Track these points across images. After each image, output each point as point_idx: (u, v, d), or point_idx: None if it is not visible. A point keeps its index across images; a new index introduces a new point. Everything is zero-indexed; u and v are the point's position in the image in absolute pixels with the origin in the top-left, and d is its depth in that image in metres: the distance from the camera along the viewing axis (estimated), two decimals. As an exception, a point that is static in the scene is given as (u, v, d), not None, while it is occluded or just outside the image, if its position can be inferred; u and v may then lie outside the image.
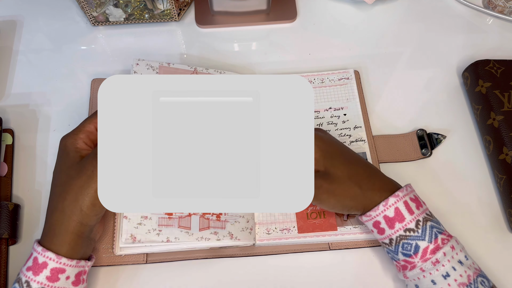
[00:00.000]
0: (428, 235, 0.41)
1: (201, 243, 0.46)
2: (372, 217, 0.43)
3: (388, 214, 0.42)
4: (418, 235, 0.41)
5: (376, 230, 0.44)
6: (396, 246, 0.42)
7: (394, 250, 0.43)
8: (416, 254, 0.41)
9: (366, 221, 0.44)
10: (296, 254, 0.49)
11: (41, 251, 0.40)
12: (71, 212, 0.40)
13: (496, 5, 0.64)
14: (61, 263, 0.39)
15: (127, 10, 0.59)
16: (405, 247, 0.42)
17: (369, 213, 0.43)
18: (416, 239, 0.41)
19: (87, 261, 0.42)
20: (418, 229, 0.42)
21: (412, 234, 0.41)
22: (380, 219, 0.43)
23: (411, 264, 0.42)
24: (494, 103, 0.53)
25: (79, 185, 0.40)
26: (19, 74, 0.59)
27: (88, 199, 0.40)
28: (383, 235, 0.43)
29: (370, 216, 0.43)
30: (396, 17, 0.65)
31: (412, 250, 0.41)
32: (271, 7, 0.63)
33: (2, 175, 0.51)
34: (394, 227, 0.42)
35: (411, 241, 0.41)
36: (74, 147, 0.43)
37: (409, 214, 0.42)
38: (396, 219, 0.42)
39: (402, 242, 0.42)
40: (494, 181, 0.53)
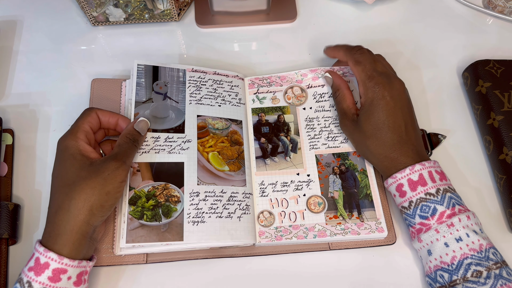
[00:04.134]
0: (447, 202, 0.44)
1: (201, 243, 0.46)
2: (397, 179, 0.46)
3: (412, 178, 0.45)
4: (437, 199, 0.44)
5: (398, 194, 0.46)
6: (415, 209, 0.45)
7: (412, 214, 0.45)
8: (432, 216, 0.44)
9: (391, 184, 0.46)
10: (296, 254, 0.49)
11: (43, 251, 0.40)
12: (78, 211, 0.41)
13: (496, 5, 0.64)
14: (63, 263, 0.40)
15: (127, 10, 0.59)
16: (423, 209, 0.44)
17: (395, 174, 0.46)
18: (435, 202, 0.44)
19: (89, 262, 0.42)
20: (438, 195, 0.44)
21: (431, 198, 0.44)
22: (404, 182, 0.45)
23: (427, 226, 0.44)
24: (494, 103, 0.53)
25: (91, 186, 0.41)
26: (19, 74, 0.59)
27: (99, 201, 0.41)
28: (404, 197, 0.46)
29: (395, 177, 0.46)
30: (396, 17, 0.65)
31: (430, 212, 0.44)
32: (271, 7, 0.63)
33: (2, 175, 0.51)
34: (416, 189, 0.45)
35: (430, 204, 0.44)
36: (78, 149, 0.43)
37: (431, 182, 0.45)
38: (419, 183, 0.45)
39: (421, 204, 0.44)
40: (494, 181, 0.53)
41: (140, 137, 0.47)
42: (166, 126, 0.51)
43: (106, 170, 0.42)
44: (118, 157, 0.43)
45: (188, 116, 0.52)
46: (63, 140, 0.44)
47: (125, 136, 0.46)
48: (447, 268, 0.43)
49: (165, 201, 0.47)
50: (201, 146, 0.51)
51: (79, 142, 0.44)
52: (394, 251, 0.49)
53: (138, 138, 0.47)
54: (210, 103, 0.53)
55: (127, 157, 0.45)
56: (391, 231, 0.49)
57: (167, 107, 0.52)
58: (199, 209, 0.47)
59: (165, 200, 0.47)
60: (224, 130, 0.52)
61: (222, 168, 0.50)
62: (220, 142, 0.51)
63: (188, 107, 0.52)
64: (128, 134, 0.46)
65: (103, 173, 0.42)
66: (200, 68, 0.55)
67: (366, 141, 0.48)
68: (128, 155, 0.45)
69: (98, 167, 0.42)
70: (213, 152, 0.51)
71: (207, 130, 0.52)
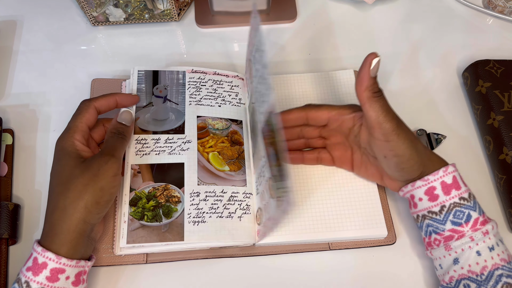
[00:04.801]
0: (478, 208, 0.42)
1: (201, 243, 0.46)
2: (429, 182, 0.43)
3: (446, 180, 0.43)
4: (470, 205, 0.42)
5: (427, 198, 0.43)
6: (447, 214, 0.42)
7: (442, 219, 0.43)
8: (467, 223, 0.42)
9: (418, 187, 0.43)
10: (296, 254, 0.49)
11: (40, 251, 0.40)
12: (74, 209, 0.40)
13: (496, 5, 0.64)
14: (61, 263, 0.39)
15: (127, 10, 0.59)
16: (457, 215, 0.42)
17: (427, 177, 0.43)
18: (469, 208, 0.42)
19: (87, 261, 0.42)
20: (470, 199, 0.43)
21: (465, 203, 0.42)
22: (437, 185, 0.43)
23: (460, 233, 0.42)
24: (494, 103, 0.53)
25: (83, 183, 0.41)
26: (19, 74, 0.59)
27: (93, 197, 0.41)
28: (434, 202, 0.43)
29: (427, 180, 0.43)
30: (396, 17, 0.65)
31: (464, 219, 0.42)
32: (271, 7, 0.63)
33: (2, 175, 0.51)
34: (451, 193, 0.42)
35: (464, 210, 0.42)
36: (73, 149, 0.43)
37: (463, 185, 0.43)
38: (453, 186, 0.43)
39: (455, 210, 0.42)
40: (494, 181, 0.53)
41: (125, 128, 0.47)
42: (166, 128, 0.51)
43: (96, 166, 0.42)
44: (106, 151, 0.44)
45: (188, 117, 0.52)
46: (60, 140, 0.44)
47: (110, 131, 0.46)
48: (475, 278, 0.40)
49: (165, 202, 0.47)
50: (201, 147, 0.51)
51: (75, 143, 0.44)
52: (394, 251, 0.49)
53: (124, 130, 0.47)
54: (210, 103, 0.53)
55: (115, 150, 0.45)
56: (391, 231, 0.49)
57: (167, 109, 0.52)
58: (200, 209, 0.47)
59: (165, 200, 0.47)
60: (224, 130, 0.52)
61: (223, 168, 0.50)
62: (220, 142, 0.51)
63: (188, 108, 0.52)
64: (112, 129, 0.46)
65: (93, 168, 0.42)
66: (200, 69, 0.55)
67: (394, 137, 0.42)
68: (116, 148, 0.45)
69: (89, 163, 0.42)
70: (213, 152, 0.51)
71: (207, 131, 0.52)
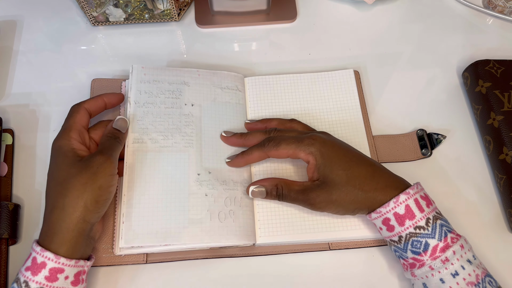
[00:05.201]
0: (438, 233, 0.41)
1: (201, 243, 0.46)
2: (382, 214, 0.43)
3: (398, 211, 0.42)
4: (428, 232, 0.41)
5: (385, 227, 0.44)
6: (406, 244, 0.42)
7: (403, 248, 0.43)
8: (425, 252, 0.41)
9: (375, 219, 0.44)
10: (296, 254, 0.49)
11: (39, 251, 0.40)
12: (73, 208, 0.40)
13: (496, 5, 0.64)
14: (60, 263, 0.39)
15: (127, 10, 0.59)
16: (415, 245, 0.42)
17: (379, 209, 0.43)
18: (426, 236, 0.41)
19: (87, 261, 0.42)
20: (428, 227, 0.41)
21: (422, 231, 0.41)
22: (390, 216, 0.43)
23: (420, 262, 0.42)
24: (494, 103, 0.53)
25: (82, 182, 0.41)
26: (19, 74, 0.59)
27: (92, 196, 0.41)
28: (392, 232, 0.43)
29: (380, 212, 0.43)
30: (396, 17, 0.65)
31: (422, 248, 0.41)
32: (271, 7, 0.63)
33: (2, 175, 0.51)
34: (404, 224, 0.42)
35: (421, 239, 0.41)
36: (70, 148, 0.44)
37: (419, 212, 0.42)
38: (407, 216, 0.42)
39: (412, 240, 0.42)
40: (494, 181, 0.53)
41: (120, 134, 0.47)
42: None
43: (94, 165, 0.42)
44: (103, 152, 0.44)
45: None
46: (56, 140, 0.44)
47: (106, 135, 0.47)
48: None
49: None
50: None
51: (71, 141, 0.44)
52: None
53: (119, 135, 0.47)
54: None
55: (112, 151, 0.45)
56: (391, 231, 0.49)
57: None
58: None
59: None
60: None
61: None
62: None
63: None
64: (108, 133, 0.47)
65: (91, 167, 0.42)
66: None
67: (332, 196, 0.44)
68: (112, 149, 0.45)
69: (87, 162, 0.42)
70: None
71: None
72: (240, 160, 0.49)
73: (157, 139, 0.49)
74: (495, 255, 0.48)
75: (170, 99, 0.52)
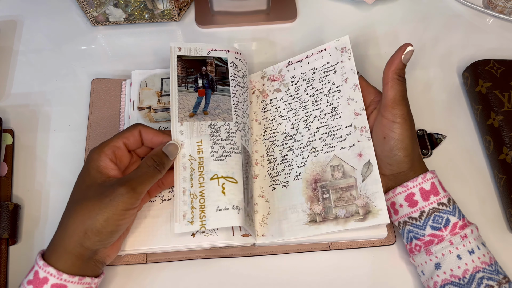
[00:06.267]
0: (458, 213, 0.44)
1: (201, 242, 0.46)
2: (408, 188, 0.44)
3: (424, 187, 0.44)
4: (449, 210, 0.43)
5: (406, 204, 0.44)
6: (426, 219, 0.43)
7: (422, 224, 0.44)
8: (446, 228, 0.43)
9: (399, 194, 0.45)
10: (296, 254, 0.49)
11: (42, 265, 0.39)
12: (73, 232, 0.39)
13: (496, 5, 0.64)
14: (62, 279, 0.38)
15: (127, 10, 0.59)
16: (436, 220, 0.43)
17: (406, 183, 0.44)
18: (448, 213, 0.43)
19: (94, 278, 0.41)
20: (450, 205, 0.44)
21: (444, 208, 0.43)
22: (416, 191, 0.44)
23: (439, 238, 0.43)
24: (494, 103, 0.53)
25: (89, 208, 0.39)
26: (19, 74, 0.59)
27: (95, 225, 0.39)
28: (414, 207, 0.44)
29: (406, 186, 0.44)
30: (396, 17, 0.65)
31: (443, 223, 0.43)
32: (271, 7, 0.63)
33: (2, 175, 0.51)
34: (429, 199, 0.43)
35: (443, 215, 0.43)
36: (96, 165, 0.41)
37: (443, 191, 0.44)
38: (432, 192, 0.44)
39: (434, 215, 0.43)
40: (494, 181, 0.53)
41: (167, 160, 0.43)
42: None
43: (109, 195, 0.39)
44: (128, 183, 0.40)
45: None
46: (91, 151, 0.42)
47: (151, 157, 0.42)
48: (458, 282, 0.41)
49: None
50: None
51: (102, 156, 0.41)
52: (394, 251, 0.49)
53: (165, 162, 0.43)
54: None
55: (141, 183, 0.40)
56: (390, 231, 0.49)
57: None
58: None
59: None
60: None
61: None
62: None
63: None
64: (154, 156, 0.42)
65: (106, 197, 0.39)
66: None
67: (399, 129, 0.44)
68: (143, 181, 0.41)
69: (104, 189, 0.39)
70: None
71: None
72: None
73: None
74: (495, 255, 0.48)
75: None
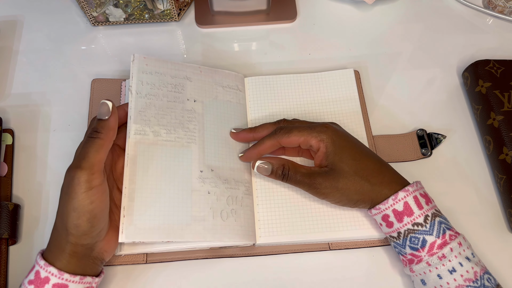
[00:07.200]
0: (436, 230, 0.42)
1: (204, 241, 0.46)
2: (381, 210, 0.44)
3: (397, 208, 0.43)
4: (426, 229, 0.42)
5: (384, 224, 0.44)
6: (404, 240, 0.43)
7: (402, 244, 0.43)
8: (423, 248, 0.42)
9: (375, 215, 0.45)
10: (296, 254, 0.49)
11: (43, 265, 0.39)
12: (62, 231, 0.39)
13: (496, 5, 0.64)
14: (64, 279, 0.38)
15: (127, 10, 0.59)
16: (413, 241, 0.42)
17: (378, 206, 0.44)
18: (424, 233, 0.42)
19: (95, 278, 0.41)
20: (426, 223, 0.42)
21: (420, 228, 0.42)
22: (389, 213, 0.43)
23: (418, 258, 0.42)
24: (494, 103, 0.53)
25: (60, 205, 0.39)
26: (19, 74, 0.59)
27: (70, 220, 0.38)
28: (391, 228, 0.44)
29: (379, 209, 0.44)
30: (396, 17, 0.65)
31: (419, 244, 0.42)
32: (271, 7, 0.63)
33: (2, 175, 0.51)
34: (403, 220, 0.42)
35: (418, 235, 0.42)
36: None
37: (418, 209, 0.42)
38: (405, 213, 0.42)
39: (410, 236, 0.42)
40: (494, 181, 0.53)
41: (101, 124, 0.40)
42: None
43: (65, 184, 0.38)
44: (72, 164, 0.39)
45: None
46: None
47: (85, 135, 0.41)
48: None
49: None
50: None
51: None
52: (394, 251, 0.49)
53: (99, 127, 0.40)
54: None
55: (85, 158, 0.38)
56: (391, 231, 0.49)
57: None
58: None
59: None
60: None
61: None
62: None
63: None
64: (87, 131, 0.41)
65: (64, 187, 0.38)
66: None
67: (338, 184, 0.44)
68: (86, 155, 0.39)
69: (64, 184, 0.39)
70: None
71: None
72: (252, 152, 0.48)
73: (159, 132, 0.48)
74: (495, 255, 0.48)
75: (172, 92, 0.50)
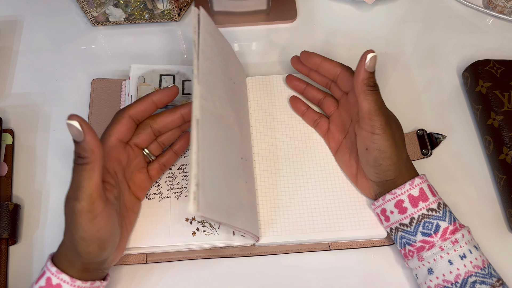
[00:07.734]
0: (448, 217, 0.43)
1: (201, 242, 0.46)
2: (397, 195, 0.44)
3: (413, 193, 0.43)
4: (439, 215, 0.43)
5: (397, 210, 0.44)
6: (417, 226, 0.43)
7: (413, 231, 0.44)
8: (436, 233, 0.42)
9: (388, 201, 0.45)
10: (296, 254, 0.49)
11: (55, 272, 0.38)
12: (72, 251, 0.38)
13: (496, 5, 0.64)
14: (76, 286, 0.38)
15: (127, 10, 0.59)
16: (426, 226, 0.43)
17: (394, 190, 0.44)
18: (438, 218, 0.43)
19: (103, 281, 0.41)
20: (439, 210, 0.43)
21: (434, 214, 0.43)
22: (404, 198, 0.44)
23: (430, 244, 0.43)
24: (494, 103, 0.53)
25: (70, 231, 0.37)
26: (19, 74, 0.59)
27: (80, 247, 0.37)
28: (404, 214, 0.44)
29: (394, 194, 0.44)
30: (396, 17, 0.65)
31: (433, 229, 0.43)
32: (271, 7, 0.63)
33: (2, 175, 0.51)
34: (418, 205, 0.43)
35: (432, 220, 0.43)
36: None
37: (432, 196, 0.44)
38: (420, 198, 0.43)
39: (424, 221, 0.43)
40: (494, 181, 0.53)
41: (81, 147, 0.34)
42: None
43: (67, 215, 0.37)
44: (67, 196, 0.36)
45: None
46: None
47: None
48: (450, 287, 0.41)
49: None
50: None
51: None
52: (394, 251, 0.49)
53: (80, 151, 0.34)
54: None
55: (79, 188, 0.35)
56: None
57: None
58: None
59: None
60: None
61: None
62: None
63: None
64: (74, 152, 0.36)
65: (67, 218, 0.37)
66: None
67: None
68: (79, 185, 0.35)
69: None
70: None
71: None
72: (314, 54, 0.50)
73: (216, 104, 0.41)
74: (495, 255, 0.48)
75: (223, 66, 0.45)
